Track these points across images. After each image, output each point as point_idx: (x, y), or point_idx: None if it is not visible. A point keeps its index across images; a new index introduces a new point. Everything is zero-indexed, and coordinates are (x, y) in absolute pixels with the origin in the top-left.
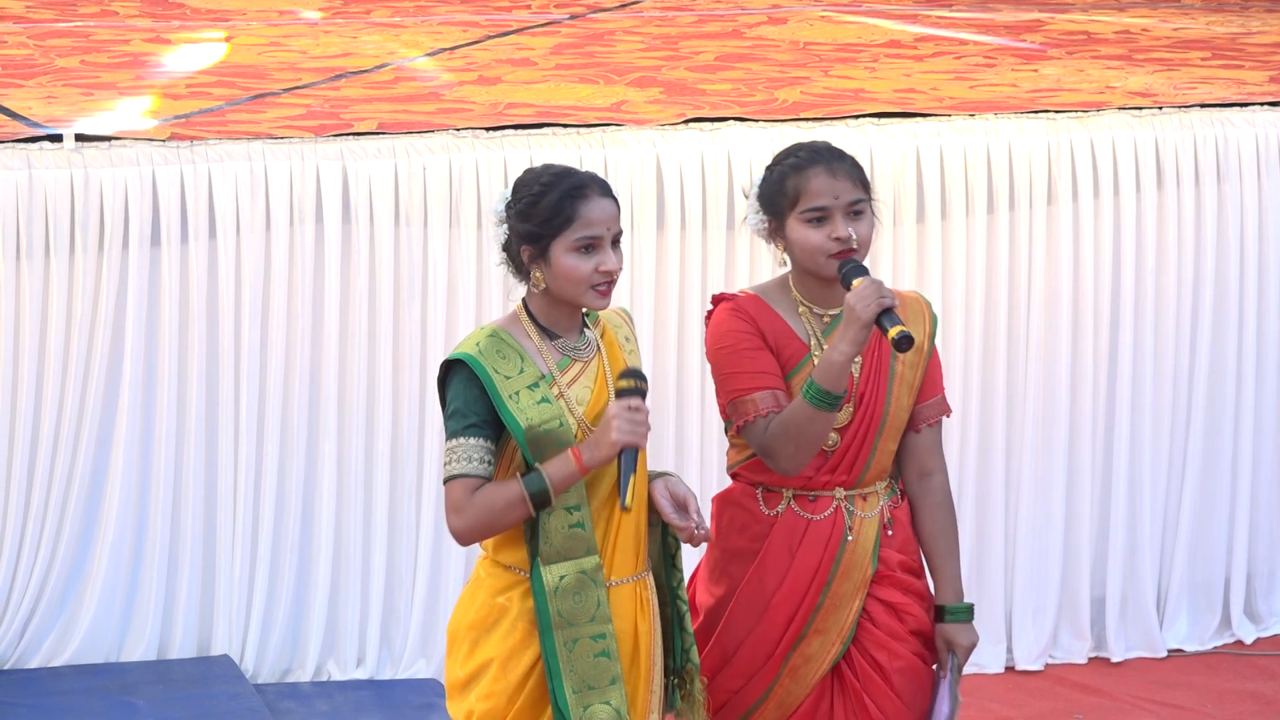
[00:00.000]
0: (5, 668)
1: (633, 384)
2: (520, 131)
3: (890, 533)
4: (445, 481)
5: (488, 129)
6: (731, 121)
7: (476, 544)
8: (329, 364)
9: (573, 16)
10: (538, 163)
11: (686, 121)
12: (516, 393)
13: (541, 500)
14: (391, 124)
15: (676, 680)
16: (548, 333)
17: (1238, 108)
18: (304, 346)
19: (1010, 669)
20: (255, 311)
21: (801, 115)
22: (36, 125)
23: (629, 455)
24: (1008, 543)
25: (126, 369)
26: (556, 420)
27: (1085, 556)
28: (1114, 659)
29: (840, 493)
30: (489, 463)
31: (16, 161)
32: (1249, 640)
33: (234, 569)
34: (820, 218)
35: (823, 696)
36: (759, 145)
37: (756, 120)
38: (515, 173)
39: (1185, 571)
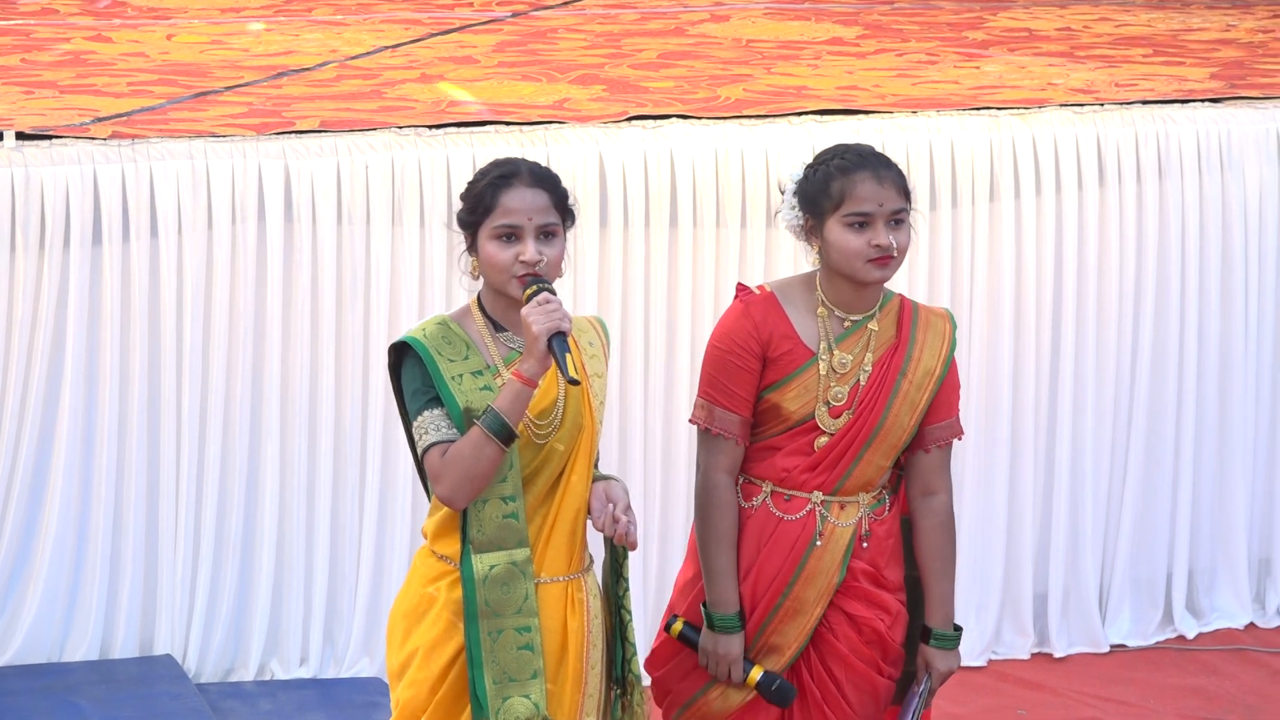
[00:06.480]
0: None
1: (535, 288)
2: (463, 130)
3: (865, 545)
4: (422, 456)
5: (430, 127)
6: (674, 119)
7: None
8: (271, 362)
9: (515, 14)
10: (480, 161)
11: (629, 119)
12: (460, 375)
13: (501, 430)
14: (334, 122)
15: (619, 690)
16: (497, 325)
17: (1179, 105)
18: (246, 345)
19: None
20: (197, 310)
21: (744, 113)
22: None
23: (558, 341)
24: None
25: (68, 368)
26: None
27: (1028, 553)
28: (1057, 654)
29: (818, 496)
30: (458, 428)
31: None
32: (1191, 635)
33: (176, 568)
34: (863, 223)
35: None
36: (702, 143)
37: (699, 118)
38: (458, 171)
39: (1127, 567)
